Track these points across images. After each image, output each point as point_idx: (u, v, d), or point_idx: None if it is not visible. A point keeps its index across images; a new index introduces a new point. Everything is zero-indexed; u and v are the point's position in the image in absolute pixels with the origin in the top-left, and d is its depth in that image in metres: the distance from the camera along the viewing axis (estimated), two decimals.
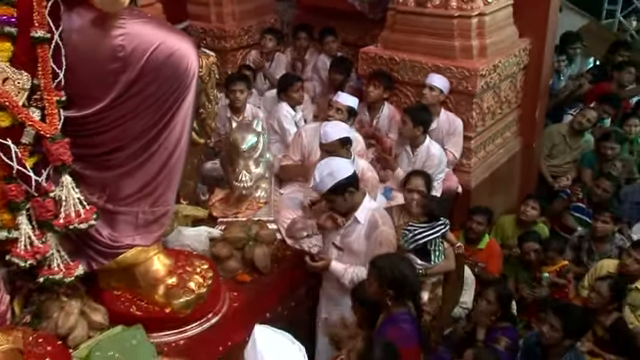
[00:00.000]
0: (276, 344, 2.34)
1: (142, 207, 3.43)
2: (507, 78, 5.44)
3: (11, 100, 2.92)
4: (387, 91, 5.34)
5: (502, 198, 5.78)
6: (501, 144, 5.69)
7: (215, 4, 6.70)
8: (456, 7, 5.04)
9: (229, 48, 6.70)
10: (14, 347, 2.93)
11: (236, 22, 6.77)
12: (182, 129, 3.31)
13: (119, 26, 3.03)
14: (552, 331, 3.80)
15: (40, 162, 3.09)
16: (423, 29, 5.23)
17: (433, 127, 5.10)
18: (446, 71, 5.08)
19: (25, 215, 3.11)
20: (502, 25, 5.34)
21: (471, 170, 5.29)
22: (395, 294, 3.17)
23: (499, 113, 5.54)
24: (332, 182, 3.66)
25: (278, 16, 7.18)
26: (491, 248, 5.06)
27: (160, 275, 3.52)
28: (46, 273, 3.22)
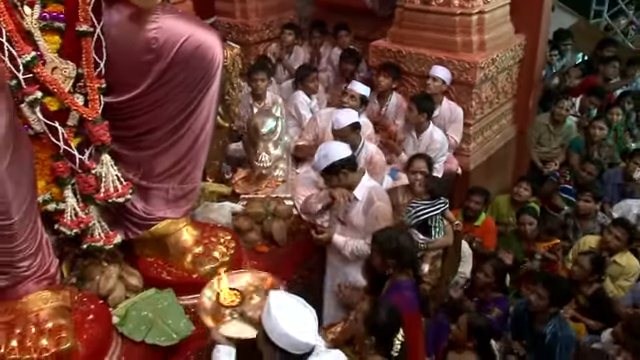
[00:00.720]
0: (289, 307, 2.35)
1: (172, 184, 3.47)
2: (504, 70, 5.42)
3: (59, 87, 2.98)
4: (395, 81, 5.33)
5: (498, 180, 5.77)
6: (497, 130, 5.68)
7: (240, 1, 6.67)
8: (458, 5, 5.02)
9: (252, 41, 6.68)
10: (63, 304, 3.00)
11: (259, 18, 6.74)
12: (208, 114, 3.32)
13: (153, 20, 3.05)
14: (539, 300, 3.84)
15: (83, 142, 3.15)
16: (428, 25, 5.21)
17: (436, 114, 5.09)
18: (448, 64, 5.07)
19: (71, 189, 3.18)
20: (500, 22, 5.31)
21: (470, 154, 5.29)
22: (396, 263, 3.17)
23: (496, 102, 5.52)
24: (326, 163, 3.67)
25: (297, 12, 7.13)
26: (487, 225, 5.05)
27: (188, 245, 3.55)
28: (89, 241, 3.30)
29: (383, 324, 2.76)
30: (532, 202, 5.46)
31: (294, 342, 2.27)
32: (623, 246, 4.45)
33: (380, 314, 2.76)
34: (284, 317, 2.28)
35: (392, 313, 2.79)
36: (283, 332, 2.26)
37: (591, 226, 5.06)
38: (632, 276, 4.43)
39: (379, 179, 4.34)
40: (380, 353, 2.78)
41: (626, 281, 4.42)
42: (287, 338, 2.26)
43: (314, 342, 2.33)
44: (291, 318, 2.29)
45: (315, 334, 2.34)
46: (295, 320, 2.30)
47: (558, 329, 3.83)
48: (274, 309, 2.30)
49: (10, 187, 2.60)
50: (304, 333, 2.29)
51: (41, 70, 2.91)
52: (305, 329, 2.30)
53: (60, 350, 2.79)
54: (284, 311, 2.31)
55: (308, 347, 2.31)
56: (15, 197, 2.64)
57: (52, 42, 2.99)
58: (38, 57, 2.90)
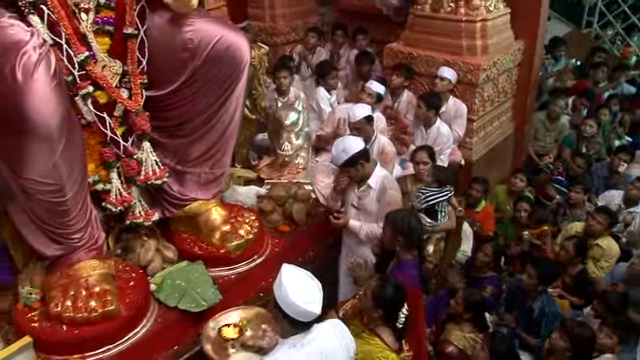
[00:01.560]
0: (297, 280, 2.39)
1: (204, 168, 3.52)
2: (504, 72, 5.39)
3: (107, 82, 3.06)
4: (407, 80, 5.30)
5: (497, 171, 5.75)
6: (498, 126, 5.66)
7: (269, 7, 6.63)
8: (464, 13, 5.02)
9: (279, 43, 6.66)
10: (108, 272, 3.11)
11: (285, 22, 6.71)
12: (236, 106, 3.36)
13: (189, 24, 3.10)
14: (529, 279, 3.89)
15: (127, 131, 3.23)
16: (436, 30, 5.21)
17: (442, 111, 5.06)
18: (454, 65, 5.05)
19: (116, 172, 3.26)
20: (501, 29, 5.28)
21: (472, 147, 5.28)
22: (404, 242, 3.16)
23: (497, 101, 5.50)
24: (345, 157, 3.63)
25: (321, 17, 7.08)
26: (486, 211, 5.06)
27: (217, 223, 3.59)
28: (131, 218, 3.39)
29: (389, 299, 2.76)
30: (527, 191, 5.46)
31: (300, 311, 2.33)
32: (604, 230, 4.47)
33: (387, 290, 2.76)
34: (292, 289, 2.34)
35: (398, 289, 2.79)
36: (291, 302, 2.32)
37: (579, 214, 5.05)
38: (612, 258, 4.44)
39: (390, 168, 4.31)
40: (386, 325, 2.80)
41: (606, 262, 4.43)
42: (294, 307, 2.33)
43: (318, 311, 2.36)
44: (298, 290, 2.34)
45: (320, 304, 2.37)
46: (301, 292, 2.34)
47: (545, 305, 3.88)
48: (284, 281, 2.36)
49: (64, 170, 2.70)
50: (309, 303, 2.34)
51: (93, 68, 2.99)
52: (310, 300, 2.35)
53: (106, 311, 2.89)
54: (292, 283, 2.36)
55: (312, 316, 2.36)
56: (68, 178, 2.75)
57: (103, 43, 3.07)
58: (91, 56, 2.98)
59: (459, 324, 3.73)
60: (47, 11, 2.79)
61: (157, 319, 3.17)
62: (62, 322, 2.88)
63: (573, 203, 5.12)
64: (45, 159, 2.61)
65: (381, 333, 2.79)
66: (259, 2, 6.71)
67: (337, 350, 2.46)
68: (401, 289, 2.81)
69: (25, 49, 2.50)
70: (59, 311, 2.87)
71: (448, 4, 5.08)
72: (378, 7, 6.12)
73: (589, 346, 3.29)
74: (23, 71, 2.45)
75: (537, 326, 3.88)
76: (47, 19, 2.80)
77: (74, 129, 2.77)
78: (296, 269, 2.48)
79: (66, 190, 2.76)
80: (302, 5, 6.90)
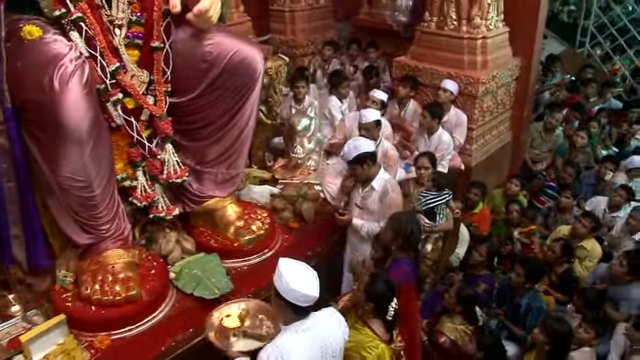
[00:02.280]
0: (295, 270, 2.44)
1: (220, 169, 3.58)
2: (502, 86, 5.36)
3: (135, 90, 3.14)
4: (412, 91, 5.31)
5: (495, 176, 5.72)
6: (496, 135, 5.62)
7: (290, 22, 6.71)
8: (466, 31, 5.02)
9: (299, 54, 6.73)
10: (132, 260, 3.19)
11: (305, 36, 6.77)
12: (251, 112, 3.41)
13: (209, 38, 3.17)
14: (517, 277, 3.90)
15: (152, 134, 3.30)
16: (441, 46, 5.20)
17: (445, 120, 5.05)
18: (456, 78, 5.04)
19: (141, 170, 3.34)
20: (500, 46, 5.26)
21: (472, 153, 5.26)
22: (402, 243, 3.20)
23: (496, 112, 5.47)
24: (355, 153, 3.66)
25: (337, 32, 7.13)
26: (483, 213, 5.02)
27: (232, 219, 3.65)
28: (154, 212, 3.45)
29: (379, 293, 2.79)
30: (521, 195, 5.43)
31: (299, 295, 2.38)
32: (588, 233, 4.45)
33: (377, 285, 2.80)
34: (291, 277, 2.39)
35: (388, 285, 2.81)
36: (290, 288, 2.37)
37: (568, 217, 5.02)
38: (594, 258, 4.42)
39: (392, 171, 4.33)
40: (377, 317, 2.83)
41: (590, 262, 4.40)
42: (294, 292, 2.37)
43: (317, 294, 2.41)
44: (297, 277, 2.39)
45: (317, 288, 2.41)
46: (300, 279, 2.40)
47: (532, 301, 3.89)
48: (283, 271, 2.41)
49: (92, 169, 2.79)
50: (307, 288, 2.39)
51: (123, 77, 3.08)
52: (308, 285, 2.39)
53: (128, 295, 2.99)
54: (291, 272, 2.41)
55: (312, 299, 2.40)
56: (96, 176, 2.84)
57: (133, 55, 3.16)
58: (121, 67, 3.07)
59: (451, 317, 3.72)
60: (85, 27, 2.88)
61: (175, 304, 3.24)
62: (91, 303, 2.98)
63: (562, 207, 5.09)
64: (76, 159, 2.71)
65: (372, 324, 2.82)
66: (281, 17, 6.80)
67: (336, 335, 2.51)
68: (391, 285, 2.82)
69: (63, 62, 2.60)
70: (88, 293, 2.98)
71: (452, 22, 5.06)
72: (389, 23, 6.16)
73: (566, 340, 3.28)
74: (60, 81, 2.55)
75: (523, 320, 3.88)
76: (85, 34, 2.88)
77: (102, 132, 2.85)
78: (292, 261, 2.52)
79: (94, 186, 2.85)
80: (320, 21, 6.95)
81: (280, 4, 6.76)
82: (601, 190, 5.46)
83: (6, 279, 3.14)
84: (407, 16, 5.93)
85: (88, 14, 2.89)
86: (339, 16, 7.18)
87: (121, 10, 3.08)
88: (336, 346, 2.49)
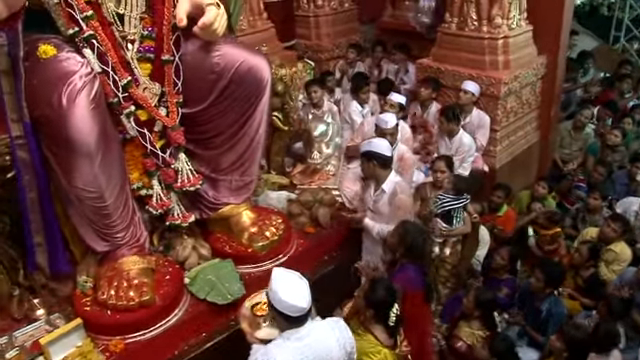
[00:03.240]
0: (286, 280, 2.45)
1: (234, 176, 3.63)
2: (527, 86, 5.22)
3: (147, 102, 3.21)
4: (435, 92, 5.25)
5: (522, 177, 5.56)
6: (522, 136, 5.47)
7: (315, 27, 6.74)
8: (486, 31, 4.92)
9: (324, 58, 6.74)
10: (148, 266, 3.27)
11: (330, 40, 6.78)
12: (260, 121, 3.45)
13: (216, 49, 3.22)
14: (537, 282, 3.80)
15: (166, 144, 3.37)
16: (462, 47, 5.12)
17: (467, 121, 4.99)
18: (478, 79, 4.95)
19: (157, 179, 3.41)
20: (523, 45, 5.12)
21: (496, 155, 5.14)
22: (404, 251, 3.21)
23: (521, 112, 5.33)
24: (367, 148, 3.71)
25: (362, 35, 7.11)
26: (508, 216, 4.93)
27: (246, 225, 3.69)
28: (170, 219, 3.52)
29: (379, 300, 2.78)
30: (550, 197, 5.26)
31: (288, 305, 2.39)
32: (617, 237, 4.24)
33: (377, 292, 2.79)
34: (281, 287, 2.41)
35: (388, 291, 2.80)
36: (280, 299, 2.39)
37: (597, 219, 4.83)
38: (623, 262, 4.22)
39: (408, 174, 4.31)
40: (379, 323, 2.81)
41: (618, 266, 4.19)
42: (284, 303, 2.39)
43: (306, 305, 2.41)
44: (287, 288, 2.41)
45: (307, 300, 2.42)
46: (289, 289, 2.41)
47: (552, 306, 3.78)
48: (274, 282, 2.44)
49: (102, 179, 2.89)
50: (296, 299, 2.39)
51: (134, 90, 3.15)
52: (297, 296, 2.40)
53: (142, 300, 3.08)
54: (282, 283, 2.43)
55: (301, 310, 2.40)
56: (107, 186, 2.93)
57: (145, 68, 3.24)
58: (133, 81, 3.14)
59: (469, 322, 3.67)
60: (97, 44, 2.99)
61: (188, 309, 3.30)
62: (107, 308, 3.08)
63: (591, 209, 4.92)
64: (87, 171, 2.82)
65: (374, 330, 2.81)
66: (306, 22, 6.84)
67: (331, 346, 2.49)
68: (391, 291, 2.81)
69: (72, 79, 2.72)
70: (104, 299, 3.09)
71: (472, 23, 4.97)
72: (412, 25, 6.11)
73: (584, 347, 3.17)
74: (67, 98, 2.67)
75: (544, 325, 3.76)
76: (97, 51, 2.98)
77: (111, 145, 2.95)
78: (286, 271, 2.54)
79: (106, 196, 2.96)
80: (345, 24, 6.95)
81: (305, 9, 6.81)
82: (634, 190, 5.23)
83: (31, 284, 3.30)
84: (430, 17, 5.87)
85: (99, 31, 3.00)
86: (364, 19, 7.16)
87: (133, 26, 3.17)
88: (333, 357, 2.49)
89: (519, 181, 5.54)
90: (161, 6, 3.18)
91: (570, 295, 4.22)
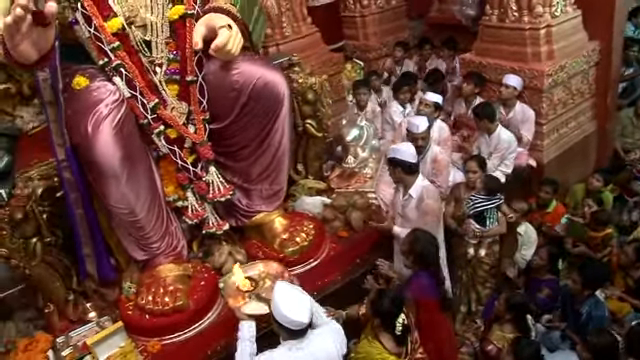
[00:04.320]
0: (288, 295, 2.57)
1: (264, 185, 3.77)
2: (577, 75, 4.92)
3: (175, 122, 3.39)
4: (478, 87, 5.11)
5: (578, 169, 5.26)
6: (575, 127, 5.18)
7: (362, 27, 6.79)
8: (527, 21, 4.68)
9: (372, 58, 6.76)
10: (183, 273, 3.50)
11: (377, 39, 6.79)
12: (282, 133, 3.56)
13: (235, 68, 3.36)
14: (574, 284, 3.65)
15: (196, 158, 3.53)
16: (503, 39, 4.92)
17: (510, 116, 4.83)
18: (520, 72, 4.75)
19: (191, 191, 3.59)
20: (570, 32, 4.82)
21: (543, 149, 4.91)
22: (415, 259, 3.23)
23: (571, 103, 5.03)
24: (391, 155, 3.73)
25: (410, 31, 7.03)
26: (557, 211, 4.74)
27: (278, 231, 3.81)
28: (206, 228, 3.70)
29: (384, 310, 2.83)
30: (607, 190, 4.95)
31: (290, 320, 2.50)
32: None
33: (382, 302, 2.83)
34: (283, 302, 2.52)
35: (393, 301, 2.83)
36: (282, 313, 2.50)
37: None
38: None
39: (443, 175, 4.25)
40: (387, 331, 2.86)
41: None
42: (286, 318, 2.50)
43: (306, 320, 2.51)
44: (288, 303, 2.52)
45: (308, 315, 2.52)
46: (291, 305, 2.52)
47: (592, 309, 3.62)
48: (276, 297, 2.55)
49: (131, 196, 3.14)
50: (297, 314, 2.50)
51: (162, 111, 3.35)
52: (298, 311, 2.51)
53: (175, 305, 3.29)
54: (283, 298, 2.54)
55: (301, 324, 2.50)
56: (136, 203, 3.18)
57: (172, 89, 3.42)
58: (160, 102, 3.34)
59: (502, 325, 3.59)
60: (125, 72, 3.26)
61: (220, 312, 3.47)
62: (145, 312, 3.34)
63: None
64: (115, 190, 3.08)
65: (382, 338, 2.86)
66: (353, 23, 6.90)
67: (330, 350, 2.58)
68: (397, 301, 2.84)
69: (98, 107, 2.99)
70: (143, 303, 3.34)
71: (512, 14, 4.75)
72: (458, 19, 5.95)
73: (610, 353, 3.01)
74: (93, 126, 2.94)
75: (584, 328, 3.59)
76: (125, 77, 3.24)
77: (136, 165, 3.18)
78: (288, 286, 2.66)
79: (137, 212, 3.21)
80: (392, 22, 6.93)
81: (351, 10, 6.85)
82: None
83: (84, 290, 3.66)
84: (474, 9, 5.72)
85: (127, 60, 3.24)
86: (412, 14, 7.06)
87: (160, 50, 3.39)
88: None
89: (575, 173, 5.25)
90: (183, 30, 3.38)
91: (620, 297, 3.98)
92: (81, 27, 3.20)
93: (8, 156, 2.65)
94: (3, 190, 2.64)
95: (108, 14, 3.19)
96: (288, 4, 5.90)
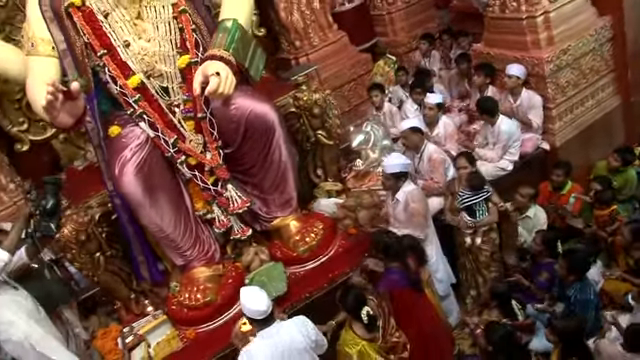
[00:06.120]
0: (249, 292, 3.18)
1: (276, 195, 4.32)
2: (586, 54, 4.90)
3: (193, 152, 3.99)
4: (488, 77, 5.25)
5: (601, 146, 5.21)
6: (593, 105, 5.14)
7: (390, 23, 7.04)
8: (525, 10, 4.75)
9: (402, 52, 6.99)
10: (214, 274, 4.19)
11: (405, 33, 7.01)
12: (280, 151, 4.08)
13: (232, 103, 3.89)
14: (560, 269, 3.83)
15: (216, 179, 4.11)
16: (504, 29, 5.01)
17: (518, 103, 4.96)
18: (523, 61, 4.84)
19: (216, 205, 4.20)
20: (572, 14, 4.80)
21: (555, 132, 4.97)
22: (385, 256, 3.66)
23: (583, 82, 5.00)
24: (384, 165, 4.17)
25: (439, 20, 7.12)
26: (571, 193, 4.78)
27: (292, 233, 4.35)
28: (233, 234, 4.32)
29: (348, 305, 3.33)
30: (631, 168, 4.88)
31: (253, 310, 3.12)
32: None
33: (346, 298, 3.35)
34: (246, 299, 3.15)
35: (355, 298, 3.33)
36: (246, 307, 3.13)
37: None
38: None
39: (439, 172, 4.54)
40: (356, 321, 3.34)
41: None
42: (249, 309, 3.12)
43: (265, 308, 3.12)
44: (249, 298, 3.14)
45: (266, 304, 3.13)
46: (251, 298, 3.14)
47: (578, 293, 3.77)
48: (241, 297, 3.20)
49: (156, 218, 3.88)
50: (257, 304, 3.11)
51: (181, 144, 3.96)
52: (257, 301, 3.12)
53: (205, 301, 4.01)
54: (246, 296, 3.18)
55: (263, 312, 3.10)
56: (162, 222, 3.91)
57: (189, 125, 4.02)
58: (179, 137, 3.97)
59: (490, 310, 3.92)
60: (147, 117, 3.98)
61: None
62: (183, 307, 4.09)
63: None
64: (143, 214, 3.85)
65: (354, 327, 3.36)
66: (382, 20, 7.19)
67: (295, 336, 3.15)
68: (359, 297, 3.33)
69: (124, 153, 3.77)
70: (182, 300, 4.10)
71: (510, 4, 4.84)
72: (475, 7, 6.02)
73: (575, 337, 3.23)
74: (119, 168, 3.72)
75: (573, 312, 3.76)
76: (148, 122, 3.99)
77: (158, 194, 3.88)
78: (249, 287, 3.33)
79: (164, 229, 3.96)
80: (419, 14, 7.12)
81: (379, 8, 7.14)
82: None
83: (143, 290, 4.56)
84: None
85: (147, 108, 3.95)
86: (439, 3, 7.16)
87: (176, 93, 4.03)
88: (299, 346, 3.14)
89: (598, 151, 5.23)
90: (190, 76, 3.96)
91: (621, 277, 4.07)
92: (111, 85, 3.97)
93: (53, 199, 3.49)
94: (52, 224, 3.49)
95: (129, 73, 3.90)
96: (312, 16, 6.37)
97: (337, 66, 6.53)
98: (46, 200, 3.46)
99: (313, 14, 6.34)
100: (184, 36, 4.00)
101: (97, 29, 3.85)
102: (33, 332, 3.44)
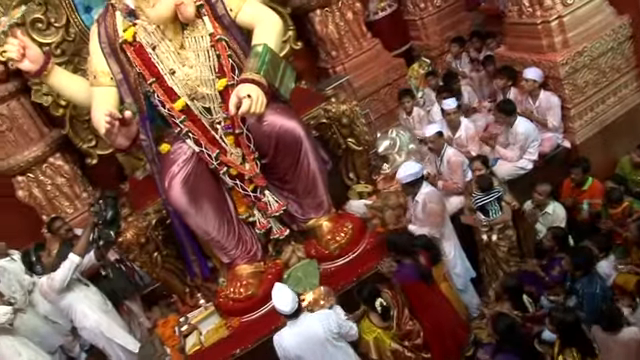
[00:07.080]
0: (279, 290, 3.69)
1: (309, 199, 4.73)
2: (605, 54, 5.01)
3: (234, 164, 4.46)
4: (510, 80, 5.45)
5: (626, 142, 5.28)
6: (616, 102, 5.24)
7: (422, 27, 7.27)
8: (540, 15, 4.92)
9: (434, 55, 7.20)
10: (256, 270, 4.69)
11: (437, 36, 7.22)
12: (308, 161, 4.47)
13: (265, 120, 4.28)
14: (567, 265, 4.06)
15: (255, 186, 4.59)
16: (522, 33, 5.20)
17: (536, 105, 5.15)
18: (540, 64, 5.02)
19: (256, 209, 4.70)
20: (588, 16, 4.93)
21: (575, 131, 5.13)
22: (396, 253, 4.04)
23: (603, 81, 5.12)
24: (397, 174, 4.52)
25: (471, 21, 7.27)
26: (593, 188, 4.94)
27: (324, 233, 4.75)
28: (272, 235, 4.81)
29: (363, 298, 3.77)
30: None
31: (277, 308, 3.64)
32: None
33: (362, 291, 3.78)
34: (274, 297, 3.69)
35: (368, 292, 3.76)
36: (274, 305, 3.66)
37: None
38: None
39: (458, 173, 4.84)
40: (373, 311, 3.78)
41: None
42: (276, 308, 3.65)
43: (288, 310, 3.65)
44: (277, 295, 3.66)
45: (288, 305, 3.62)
46: (277, 299, 3.66)
47: (584, 287, 3.99)
48: (272, 292, 3.71)
49: (202, 223, 4.41)
50: (280, 305, 3.63)
51: (223, 157, 4.45)
52: (282, 304, 3.62)
53: (247, 294, 4.53)
54: (274, 294, 3.69)
55: (285, 312, 3.63)
56: (207, 226, 4.44)
57: (230, 140, 4.48)
58: (221, 151, 4.46)
59: (503, 302, 4.20)
60: (192, 135, 4.55)
61: None
62: (229, 299, 4.63)
63: None
64: (190, 220, 4.41)
65: (371, 316, 3.81)
66: (415, 25, 7.43)
67: (316, 328, 3.62)
68: (371, 291, 3.76)
69: (171, 169, 4.33)
70: (227, 294, 4.65)
71: (526, 9, 5.04)
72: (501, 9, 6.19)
73: (573, 329, 3.47)
74: (167, 182, 4.30)
75: (581, 304, 4.00)
76: (193, 139, 4.56)
77: (201, 202, 4.41)
78: (281, 285, 3.84)
79: (209, 232, 4.50)
80: (452, 17, 7.30)
81: (412, 14, 7.39)
82: None
83: (195, 284, 5.18)
84: None
85: (192, 127, 4.50)
86: (470, 6, 7.32)
87: (216, 112, 4.53)
88: (320, 337, 3.62)
89: (623, 146, 5.31)
90: (228, 97, 4.48)
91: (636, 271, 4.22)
92: (160, 108, 4.57)
93: (113, 210, 4.14)
94: (112, 231, 4.15)
95: (175, 97, 4.44)
96: (346, 26, 6.76)
97: (372, 72, 6.89)
98: (106, 211, 4.10)
99: (347, 25, 6.72)
100: (221, 61, 4.46)
101: (147, 60, 4.40)
102: (102, 321, 4.13)
